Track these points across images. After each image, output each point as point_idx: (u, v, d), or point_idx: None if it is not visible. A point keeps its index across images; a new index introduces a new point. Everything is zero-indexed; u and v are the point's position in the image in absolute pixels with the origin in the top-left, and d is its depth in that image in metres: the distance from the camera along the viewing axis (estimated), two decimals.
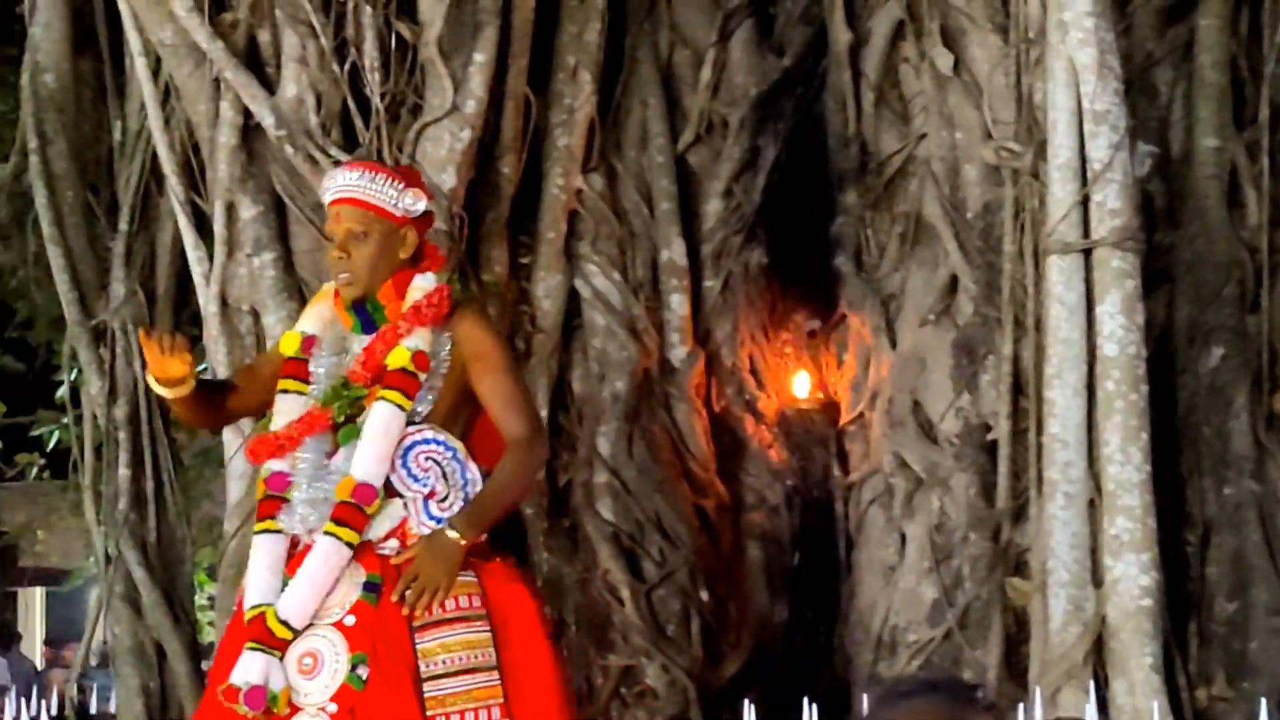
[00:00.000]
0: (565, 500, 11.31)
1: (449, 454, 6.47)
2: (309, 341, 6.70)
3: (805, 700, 9.38)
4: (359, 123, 10.60)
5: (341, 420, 6.52)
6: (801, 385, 11.82)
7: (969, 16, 10.75)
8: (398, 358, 6.48)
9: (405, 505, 6.41)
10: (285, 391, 6.65)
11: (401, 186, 6.64)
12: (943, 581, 10.69)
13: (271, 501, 6.52)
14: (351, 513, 6.34)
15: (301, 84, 10.65)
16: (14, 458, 20.11)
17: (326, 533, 6.35)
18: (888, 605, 11.00)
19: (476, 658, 6.31)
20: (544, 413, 11.09)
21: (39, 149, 12.11)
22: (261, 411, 6.98)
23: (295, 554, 6.47)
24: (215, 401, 6.90)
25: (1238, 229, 10.63)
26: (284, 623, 6.25)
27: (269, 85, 10.72)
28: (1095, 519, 9.35)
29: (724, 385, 11.70)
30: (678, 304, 11.58)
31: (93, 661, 14.17)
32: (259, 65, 10.78)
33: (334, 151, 10.51)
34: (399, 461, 6.43)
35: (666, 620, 11.14)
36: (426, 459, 6.45)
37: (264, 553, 6.45)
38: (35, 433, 18.29)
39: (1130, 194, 9.49)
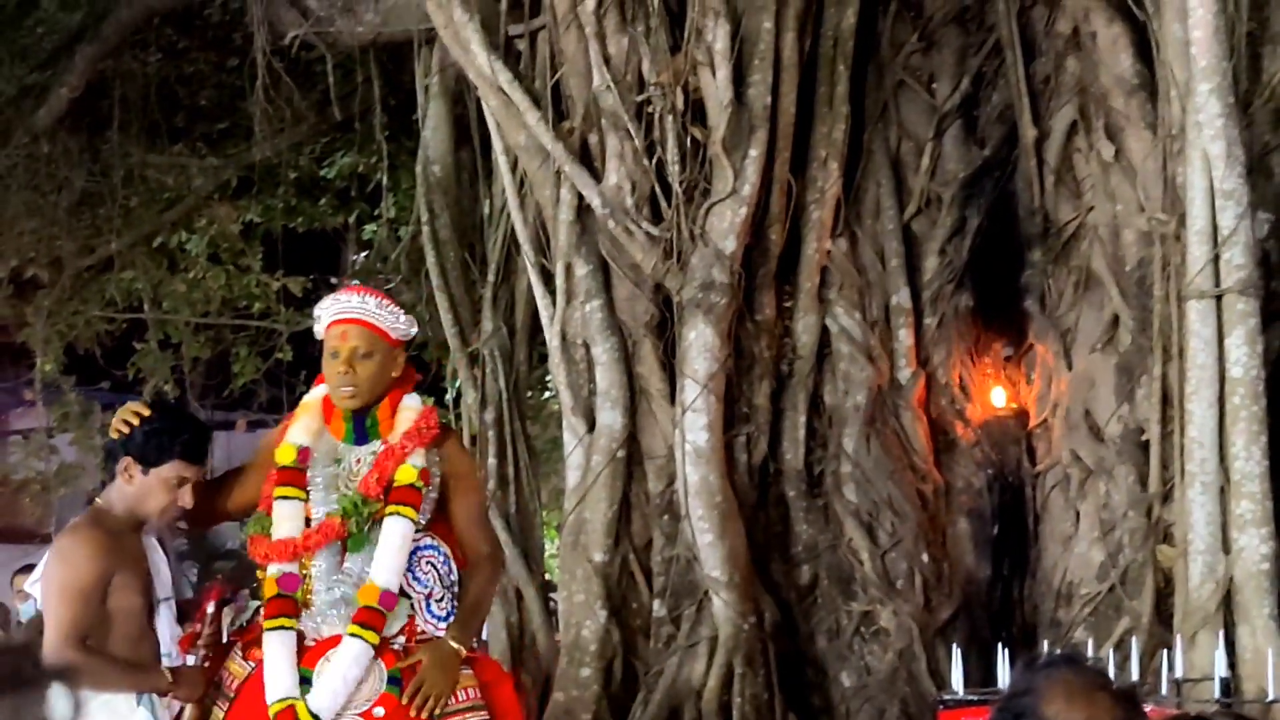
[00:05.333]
0: (819, 485, 11.29)
1: (442, 558, 5.93)
2: (304, 453, 5.94)
3: (999, 641, 9.43)
4: (663, 203, 10.73)
5: (356, 530, 5.83)
6: (999, 398, 11.68)
7: (1126, 117, 10.67)
8: (405, 475, 5.84)
9: (412, 605, 5.86)
10: (285, 498, 5.90)
11: (399, 312, 6.00)
12: (1108, 548, 10.63)
13: (283, 600, 5.82)
14: (375, 617, 5.72)
15: (620, 174, 10.80)
16: None
17: (353, 634, 5.73)
18: (1065, 566, 10.93)
19: None
20: (801, 419, 11.26)
21: (429, 220, 12.42)
22: (244, 513, 6.19)
23: (305, 649, 5.80)
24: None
25: None
26: (315, 716, 5.66)
27: (596, 175, 10.87)
28: (1225, 501, 9.27)
29: (939, 398, 11.59)
30: (904, 336, 11.48)
31: None
32: (589, 160, 10.95)
33: (645, 225, 10.69)
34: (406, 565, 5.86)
35: (896, 577, 11.10)
36: (428, 564, 5.89)
37: (280, 648, 5.75)
38: None
39: (1252, 252, 9.39)
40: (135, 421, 5.76)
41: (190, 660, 5.79)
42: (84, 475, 17.58)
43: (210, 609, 5.82)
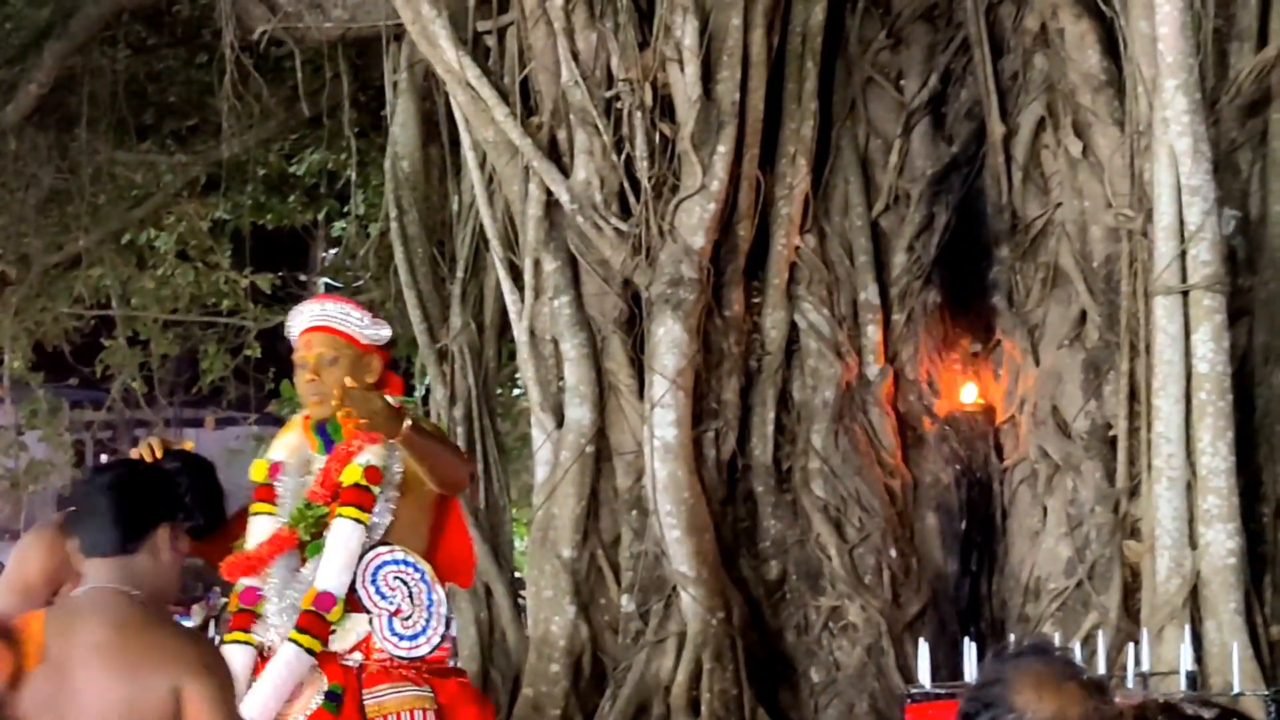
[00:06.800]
0: (787, 480, 11.26)
1: (417, 575, 5.62)
2: (275, 468, 5.81)
3: (967, 636, 9.42)
4: (631, 199, 10.72)
5: (308, 538, 5.65)
6: (967, 393, 11.63)
7: (1094, 113, 10.65)
8: (350, 474, 5.62)
9: (370, 621, 5.58)
10: (256, 514, 5.77)
11: (368, 318, 5.86)
12: (1075, 544, 10.60)
13: (243, 615, 5.65)
14: (313, 621, 5.52)
15: (589, 170, 10.80)
16: None
17: (290, 639, 5.52)
18: (1033, 561, 10.90)
19: None
20: (770, 415, 11.22)
21: (398, 216, 12.40)
22: None
23: (261, 663, 5.60)
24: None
25: None
26: None
27: (565, 171, 10.87)
28: (1191, 497, 9.27)
29: (908, 393, 11.57)
30: (872, 332, 11.46)
31: None
32: (557, 156, 10.95)
33: (613, 221, 10.69)
34: (368, 578, 5.60)
35: (864, 572, 11.08)
36: (395, 579, 5.60)
37: (233, 663, 5.26)
38: None
39: (1218, 249, 9.38)
40: (159, 454, 5.50)
41: None
42: (53, 472, 17.50)
43: None
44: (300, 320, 5.89)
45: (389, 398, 5.57)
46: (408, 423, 5.45)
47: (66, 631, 4.16)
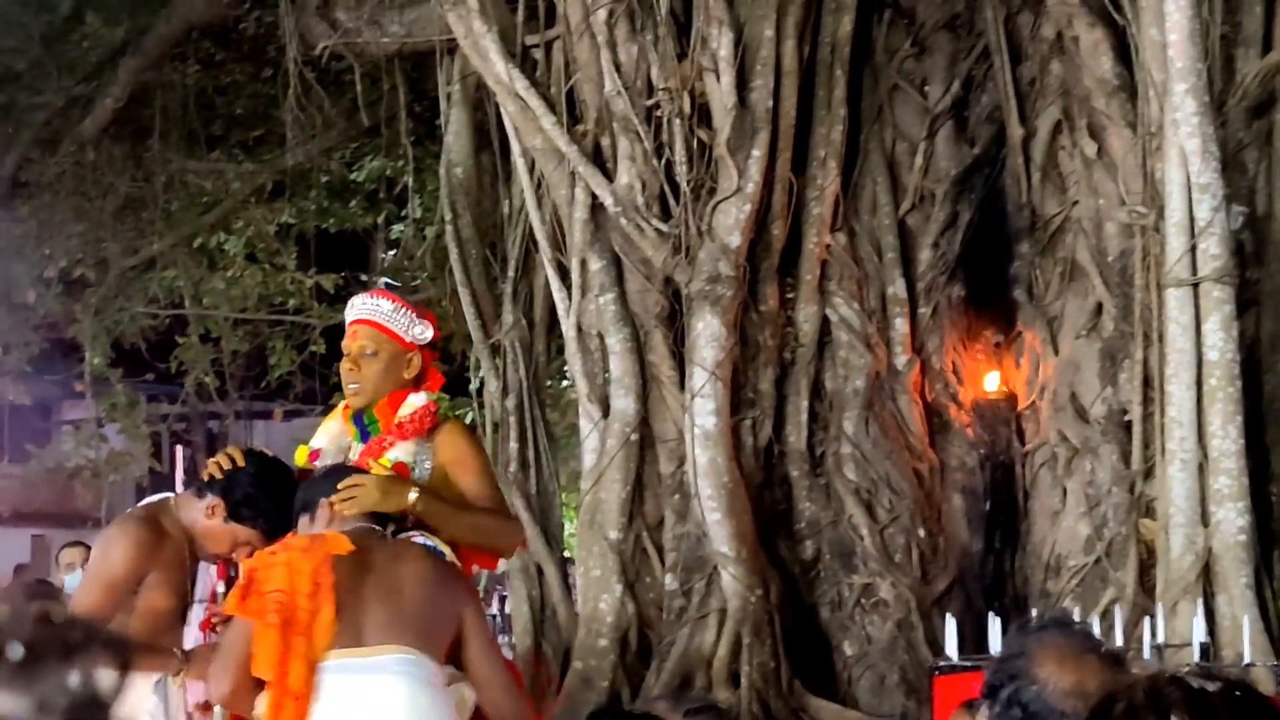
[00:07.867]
0: (821, 465, 11.30)
1: (438, 556, 5.30)
2: (314, 455, 5.70)
3: (992, 611, 9.43)
4: (671, 201, 10.75)
5: None
6: (990, 381, 11.67)
7: (1108, 116, 10.63)
8: (378, 471, 5.42)
9: None
10: None
11: (414, 317, 5.72)
12: (1093, 522, 10.62)
13: None
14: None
15: (631, 174, 10.83)
16: None
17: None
18: (1054, 539, 10.92)
19: None
20: (804, 403, 11.29)
21: (452, 220, 12.47)
22: None
23: None
24: None
25: None
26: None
27: (609, 176, 10.91)
28: (1203, 478, 9.30)
29: (934, 382, 11.59)
30: (900, 325, 11.51)
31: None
32: (601, 162, 10.99)
33: (655, 222, 10.74)
34: None
35: (894, 551, 11.12)
36: None
37: None
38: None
39: (1227, 243, 9.41)
40: (240, 462, 5.54)
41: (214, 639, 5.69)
42: (132, 462, 17.61)
43: (219, 589, 5.70)
44: (352, 311, 5.83)
45: (411, 487, 5.37)
46: (412, 495, 5.32)
47: (363, 540, 4.95)
